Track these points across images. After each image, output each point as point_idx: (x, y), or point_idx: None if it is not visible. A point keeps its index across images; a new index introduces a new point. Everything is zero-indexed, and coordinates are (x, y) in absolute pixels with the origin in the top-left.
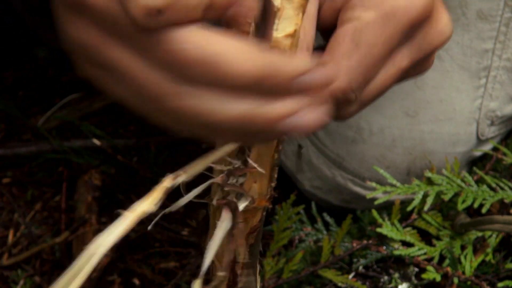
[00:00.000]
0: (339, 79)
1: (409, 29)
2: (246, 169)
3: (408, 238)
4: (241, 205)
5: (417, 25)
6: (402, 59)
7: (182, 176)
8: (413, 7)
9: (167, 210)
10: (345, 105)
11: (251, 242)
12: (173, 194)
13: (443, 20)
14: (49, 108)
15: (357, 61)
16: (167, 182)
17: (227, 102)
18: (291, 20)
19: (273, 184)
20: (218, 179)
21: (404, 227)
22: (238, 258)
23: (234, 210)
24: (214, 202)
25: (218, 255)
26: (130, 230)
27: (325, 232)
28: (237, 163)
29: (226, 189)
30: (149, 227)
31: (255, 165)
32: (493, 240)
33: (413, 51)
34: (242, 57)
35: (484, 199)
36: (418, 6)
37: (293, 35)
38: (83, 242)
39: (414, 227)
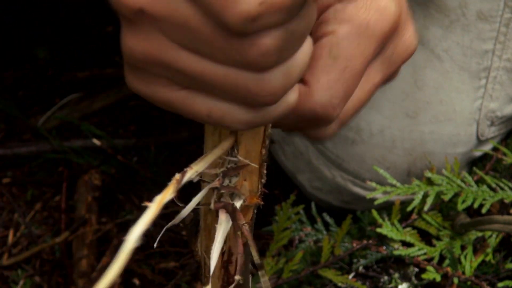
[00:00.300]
0: (320, 95)
1: (382, 41)
2: (240, 167)
3: (408, 238)
4: (237, 205)
5: (388, 38)
6: (376, 74)
7: (190, 172)
8: (384, 20)
9: (169, 224)
10: (326, 123)
11: (243, 241)
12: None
13: (409, 31)
14: (49, 108)
15: (336, 76)
16: (178, 176)
17: None
18: None
19: (263, 181)
20: (215, 183)
21: (404, 227)
22: (231, 258)
23: (233, 212)
24: (212, 206)
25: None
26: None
27: (325, 232)
28: (232, 161)
29: (222, 191)
30: (155, 245)
31: (248, 162)
32: (493, 240)
33: (384, 65)
34: None
35: (484, 199)
36: (389, 18)
37: None
38: (83, 242)
39: (414, 227)
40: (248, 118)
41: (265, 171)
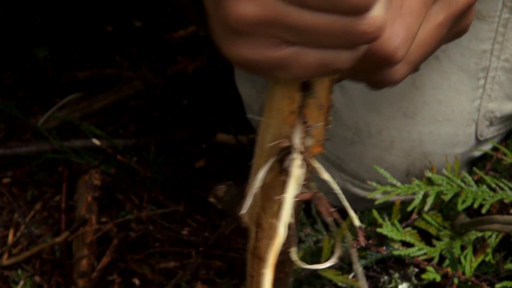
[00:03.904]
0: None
1: None
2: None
3: (408, 238)
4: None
5: None
6: (437, 14)
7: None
8: None
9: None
10: (390, 64)
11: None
12: (172, 194)
13: None
14: (49, 108)
15: (394, 15)
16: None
17: None
18: None
19: (329, 126)
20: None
21: (404, 227)
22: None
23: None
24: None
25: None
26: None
27: (324, 232)
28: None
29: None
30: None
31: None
32: (493, 240)
33: (445, 5)
34: None
35: (484, 199)
36: None
37: None
38: (83, 242)
39: (414, 227)
40: (353, 57)
41: (331, 117)
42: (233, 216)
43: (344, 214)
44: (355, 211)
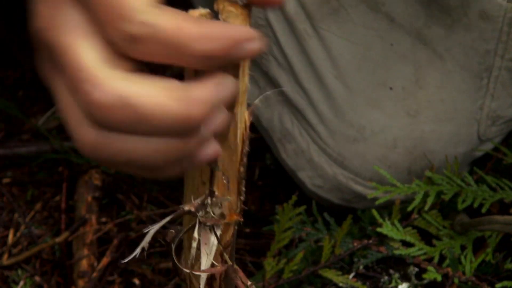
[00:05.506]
0: None
1: None
2: (219, 198)
3: (408, 238)
4: (218, 231)
5: None
6: None
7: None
8: None
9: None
10: None
11: (225, 258)
12: (172, 194)
13: None
14: (49, 108)
15: None
16: None
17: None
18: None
19: (242, 198)
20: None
21: (404, 227)
22: (215, 275)
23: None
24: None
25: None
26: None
27: (325, 231)
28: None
29: (207, 224)
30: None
31: (228, 198)
32: (493, 240)
33: None
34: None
35: (484, 199)
36: None
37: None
38: (83, 242)
39: (414, 227)
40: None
41: (243, 188)
42: (173, 264)
43: (344, 213)
44: (357, 209)
